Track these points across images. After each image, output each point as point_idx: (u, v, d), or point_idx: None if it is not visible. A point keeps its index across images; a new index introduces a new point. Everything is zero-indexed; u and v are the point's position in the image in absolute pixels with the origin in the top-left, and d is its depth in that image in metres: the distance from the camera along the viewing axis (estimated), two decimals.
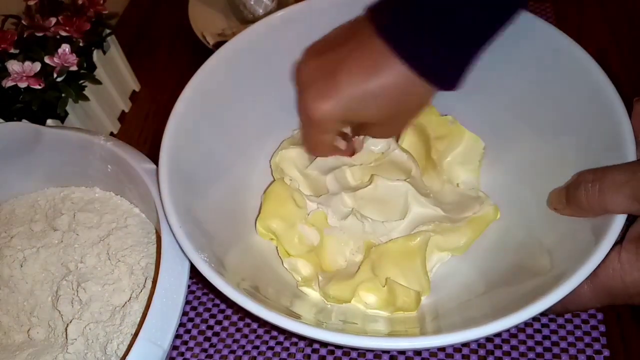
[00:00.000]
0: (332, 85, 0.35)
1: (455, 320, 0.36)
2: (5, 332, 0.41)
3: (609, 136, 0.35)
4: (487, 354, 0.39)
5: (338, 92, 0.35)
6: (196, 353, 0.42)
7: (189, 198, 0.38)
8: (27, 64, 0.47)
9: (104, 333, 0.38)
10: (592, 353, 0.38)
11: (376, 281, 0.38)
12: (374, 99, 0.35)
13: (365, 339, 0.30)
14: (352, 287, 0.38)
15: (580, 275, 0.30)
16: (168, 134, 0.39)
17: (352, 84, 0.35)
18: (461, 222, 0.40)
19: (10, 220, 0.46)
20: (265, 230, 0.42)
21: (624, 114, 0.35)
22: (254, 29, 0.44)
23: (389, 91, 0.34)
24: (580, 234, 0.34)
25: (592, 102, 0.37)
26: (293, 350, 0.41)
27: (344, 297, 0.38)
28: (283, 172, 0.45)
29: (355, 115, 0.36)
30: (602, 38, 0.58)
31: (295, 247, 0.41)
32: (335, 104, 0.35)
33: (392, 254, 0.39)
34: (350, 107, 0.35)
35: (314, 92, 0.36)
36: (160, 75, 0.63)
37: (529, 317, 0.29)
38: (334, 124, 0.37)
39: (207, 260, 0.34)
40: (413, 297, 0.37)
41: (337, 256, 0.41)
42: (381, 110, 0.36)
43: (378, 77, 0.34)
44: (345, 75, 0.35)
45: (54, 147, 0.44)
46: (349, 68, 0.35)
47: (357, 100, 0.35)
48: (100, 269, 0.42)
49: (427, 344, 0.30)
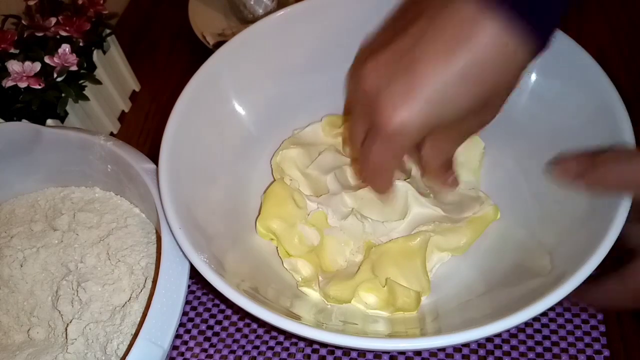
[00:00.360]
0: (412, 81, 0.29)
1: (455, 321, 0.36)
2: (5, 332, 0.41)
3: (609, 136, 0.35)
4: (487, 354, 0.39)
5: (423, 86, 0.28)
6: (196, 353, 0.42)
7: (189, 198, 0.38)
8: (27, 64, 0.47)
9: (104, 333, 0.38)
10: (592, 353, 0.38)
11: (376, 281, 0.38)
12: (465, 82, 0.28)
13: (366, 340, 0.30)
14: (352, 287, 0.38)
15: (579, 276, 0.30)
16: (168, 134, 0.39)
17: (438, 69, 0.28)
18: (461, 222, 0.40)
19: (10, 220, 0.46)
20: (266, 231, 0.42)
21: (624, 112, 0.35)
22: (254, 28, 0.44)
23: (483, 63, 0.28)
24: (581, 234, 0.34)
25: (591, 100, 0.37)
26: (293, 350, 0.41)
27: (344, 298, 0.38)
28: (283, 172, 0.45)
29: (443, 115, 0.30)
30: (602, 38, 0.58)
31: (295, 248, 0.41)
32: (421, 105, 0.29)
33: (392, 254, 0.39)
34: (440, 102, 0.29)
35: (391, 98, 0.29)
36: (160, 75, 0.63)
37: (529, 317, 0.29)
38: (418, 134, 0.30)
39: (207, 261, 0.34)
40: (413, 298, 0.37)
41: (337, 256, 0.41)
42: (476, 95, 0.29)
43: (469, 46, 0.28)
44: (427, 61, 0.28)
45: (54, 147, 0.44)
46: (429, 51, 0.28)
47: (448, 88, 0.28)
48: (100, 268, 0.42)
49: (428, 344, 0.30)
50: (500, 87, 0.30)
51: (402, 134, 0.30)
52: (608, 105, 0.36)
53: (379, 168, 0.34)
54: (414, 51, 0.29)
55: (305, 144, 0.46)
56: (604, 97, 0.36)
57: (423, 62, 0.29)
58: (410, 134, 0.30)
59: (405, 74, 0.29)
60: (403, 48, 0.30)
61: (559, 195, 0.37)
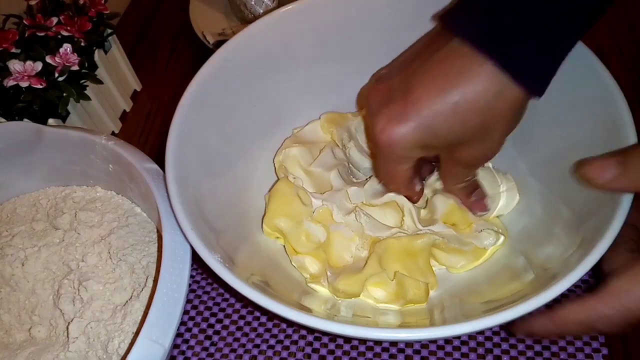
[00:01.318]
0: (407, 105, 0.31)
1: (463, 312, 0.37)
2: (6, 331, 0.41)
3: (609, 135, 0.35)
4: (485, 352, 0.39)
5: (415, 111, 0.31)
6: (197, 352, 0.42)
7: (197, 200, 0.38)
8: (29, 63, 0.47)
9: (105, 332, 0.38)
10: (591, 351, 0.38)
11: (384, 275, 0.38)
12: (456, 112, 0.30)
13: (382, 330, 0.31)
14: (361, 280, 0.38)
15: (573, 276, 0.30)
16: (172, 136, 0.39)
17: (431, 98, 0.31)
18: (469, 246, 0.40)
19: (11, 219, 0.46)
20: (272, 230, 0.42)
21: (625, 107, 0.35)
22: (254, 27, 0.44)
23: (475, 99, 0.30)
24: (577, 236, 0.34)
25: (594, 97, 0.37)
26: (293, 350, 0.41)
27: (354, 291, 0.38)
28: (287, 171, 0.45)
29: (434, 137, 0.32)
30: (602, 38, 0.58)
31: (302, 245, 0.41)
32: (412, 126, 0.31)
33: (395, 251, 0.39)
34: (428, 130, 0.31)
35: (386, 115, 0.32)
36: (161, 75, 0.64)
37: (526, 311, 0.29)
38: (409, 152, 0.33)
39: (222, 260, 0.34)
40: (423, 289, 0.37)
41: (343, 252, 0.41)
42: (467, 124, 0.31)
43: (462, 84, 0.30)
44: (422, 91, 0.31)
45: (56, 147, 0.44)
46: (425, 81, 0.31)
47: (435, 119, 0.31)
48: (102, 267, 0.42)
49: (441, 333, 0.30)
50: (492, 124, 0.32)
51: (394, 147, 0.33)
52: (610, 103, 0.36)
53: (388, 176, 0.38)
54: (415, 81, 0.32)
55: (306, 142, 0.46)
56: (606, 96, 0.36)
57: (420, 89, 0.31)
58: (403, 148, 0.33)
59: (403, 98, 0.32)
60: (404, 78, 0.33)
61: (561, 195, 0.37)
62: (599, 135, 0.36)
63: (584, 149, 0.36)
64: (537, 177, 0.41)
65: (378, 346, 0.40)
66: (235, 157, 0.45)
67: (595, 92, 0.37)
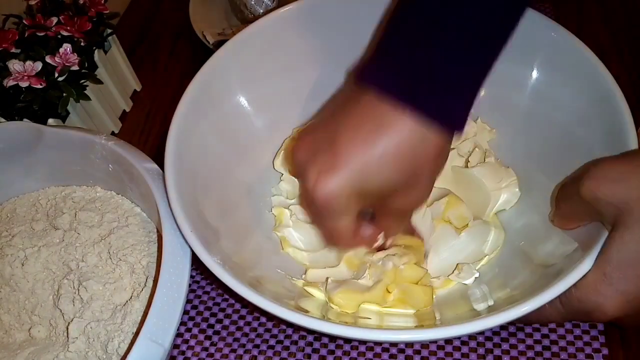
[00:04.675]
0: (334, 157, 0.31)
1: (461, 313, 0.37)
2: (6, 331, 0.41)
3: (609, 133, 0.35)
4: (486, 352, 0.39)
5: (344, 160, 0.31)
6: (197, 352, 0.42)
7: (196, 201, 0.39)
8: (29, 63, 0.47)
9: (105, 332, 0.38)
10: (591, 351, 0.38)
11: (384, 299, 0.39)
12: (385, 162, 0.31)
13: (382, 332, 0.31)
14: (359, 301, 0.38)
15: (570, 278, 0.30)
16: (171, 137, 0.39)
17: (357, 150, 0.31)
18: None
19: (11, 219, 0.46)
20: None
21: (624, 104, 0.35)
22: (254, 27, 0.44)
23: (400, 148, 0.31)
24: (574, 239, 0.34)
25: (592, 95, 0.37)
26: (293, 350, 0.41)
27: (348, 307, 0.38)
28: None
29: (367, 185, 0.32)
30: (602, 38, 0.58)
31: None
32: (342, 177, 0.31)
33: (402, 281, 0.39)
34: (361, 177, 0.31)
35: (315, 170, 0.32)
36: (161, 75, 0.64)
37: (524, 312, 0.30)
38: (347, 203, 0.32)
39: (221, 262, 0.34)
40: (429, 294, 0.38)
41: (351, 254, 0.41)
42: (397, 172, 0.31)
43: (385, 136, 0.30)
44: (347, 143, 0.31)
45: (55, 147, 0.44)
46: (349, 135, 0.31)
47: (366, 167, 0.31)
48: (102, 267, 0.42)
49: (441, 334, 0.31)
50: (420, 168, 0.32)
51: (332, 200, 0.32)
52: (609, 99, 0.36)
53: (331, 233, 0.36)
54: (339, 133, 0.32)
55: None
56: (604, 91, 0.37)
57: (345, 142, 0.31)
58: (340, 198, 0.32)
59: (330, 149, 0.32)
60: (329, 131, 0.32)
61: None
62: (599, 133, 0.36)
63: (585, 146, 0.36)
64: (538, 173, 0.41)
65: (378, 346, 0.40)
66: (234, 158, 0.45)
67: (596, 91, 0.37)
